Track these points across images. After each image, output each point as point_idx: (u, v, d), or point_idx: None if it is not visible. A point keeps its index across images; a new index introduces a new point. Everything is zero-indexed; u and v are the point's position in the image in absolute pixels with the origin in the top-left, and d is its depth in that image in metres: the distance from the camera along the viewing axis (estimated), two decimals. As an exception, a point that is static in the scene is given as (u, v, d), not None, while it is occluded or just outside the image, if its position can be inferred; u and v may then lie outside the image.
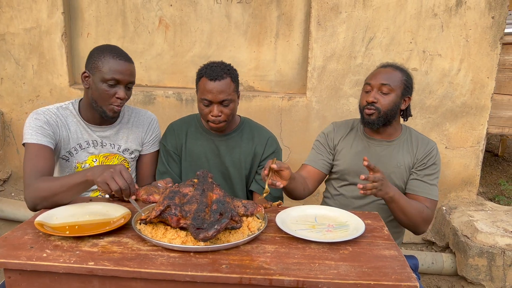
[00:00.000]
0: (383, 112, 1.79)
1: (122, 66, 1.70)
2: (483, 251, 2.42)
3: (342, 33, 2.82)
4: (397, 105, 1.81)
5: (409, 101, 1.86)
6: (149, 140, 1.96)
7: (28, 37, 3.03)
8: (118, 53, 1.72)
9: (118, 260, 1.21)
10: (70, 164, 1.82)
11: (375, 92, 1.81)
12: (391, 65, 1.87)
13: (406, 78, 1.82)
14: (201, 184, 1.43)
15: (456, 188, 2.98)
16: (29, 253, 1.23)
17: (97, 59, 1.70)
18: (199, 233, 1.25)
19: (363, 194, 1.57)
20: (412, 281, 1.15)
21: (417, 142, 1.88)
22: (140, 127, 1.94)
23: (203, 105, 1.84)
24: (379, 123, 1.81)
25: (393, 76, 1.80)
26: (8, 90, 3.13)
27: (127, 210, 1.51)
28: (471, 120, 2.87)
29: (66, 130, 1.78)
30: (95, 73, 1.70)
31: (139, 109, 2.00)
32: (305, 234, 1.39)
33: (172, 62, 3.13)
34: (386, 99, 1.79)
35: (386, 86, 1.78)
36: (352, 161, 1.91)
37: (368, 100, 1.81)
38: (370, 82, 1.83)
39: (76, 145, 1.80)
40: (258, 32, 3.03)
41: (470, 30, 2.75)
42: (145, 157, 1.98)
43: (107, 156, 1.86)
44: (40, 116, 1.73)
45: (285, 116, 2.96)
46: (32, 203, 1.55)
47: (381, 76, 1.81)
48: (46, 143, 1.69)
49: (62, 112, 1.79)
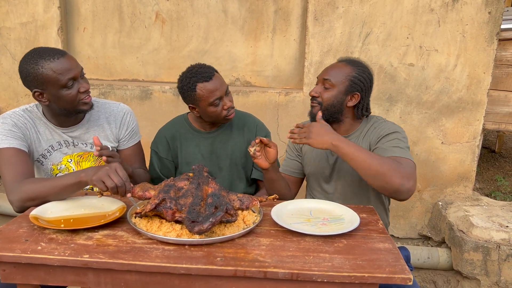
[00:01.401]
0: (324, 107, 1.74)
1: (65, 63, 1.58)
2: (479, 245, 2.43)
3: (339, 28, 2.81)
4: (339, 101, 1.74)
5: (359, 98, 1.76)
6: (124, 135, 1.89)
7: (24, 31, 3.01)
8: (51, 54, 1.58)
9: (113, 253, 1.21)
10: (46, 167, 1.78)
11: (319, 86, 1.77)
12: (346, 59, 1.81)
13: (355, 74, 1.74)
14: (197, 178, 1.43)
15: (452, 183, 2.99)
16: (24, 246, 1.23)
17: (38, 73, 1.56)
18: (194, 226, 1.25)
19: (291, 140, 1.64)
20: (406, 273, 1.16)
21: (373, 128, 1.79)
22: (112, 123, 1.86)
23: (214, 107, 1.82)
24: (323, 117, 1.74)
25: (338, 72, 1.75)
26: (4, 85, 3.12)
27: (122, 203, 1.51)
28: (467, 115, 2.88)
29: (35, 132, 1.72)
30: (46, 86, 1.58)
31: (110, 102, 1.90)
32: (300, 227, 1.39)
33: (168, 57, 3.12)
34: (326, 94, 1.74)
35: (327, 81, 1.74)
36: (315, 162, 1.89)
37: (311, 94, 1.79)
38: (318, 76, 1.81)
39: (48, 147, 1.76)
40: (255, 27, 3.02)
41: (467, 25, 2.75)
42: (125, 151, 1.91)
43: (81, 155, 1.81)
44: (7, 120, 1.66)
45: (282, 112, 2.96)
46: (20, 205, 1.52)
47: (327, 71, 1.77)
48: (20, 146, 1.63)
49: (29, 114, 1.73)
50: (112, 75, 3.18)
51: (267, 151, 1.68)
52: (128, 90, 3.01)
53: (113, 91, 2.99)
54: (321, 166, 1.88)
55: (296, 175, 1.98)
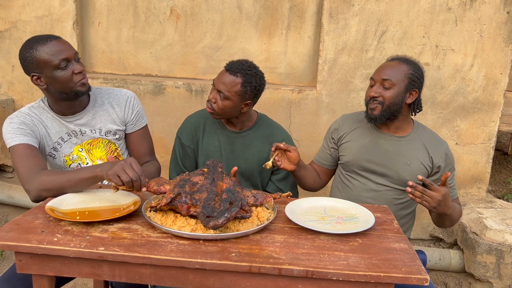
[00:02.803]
0: (386, 106, 1.78)
1: (58, 45, 1.63)
2: (492, 248, 2.40)
3: (354, 26, 2.79)
4: (400, 99, 1.78)
5: (417, 95, 1.82)
6: (131, 118, 1.90)
7: (39, 25, 3.03)
8: (44, 38, 1.63)
9: (128, 246, 1.22)
10: (58, 159, 1.80)
11: (377, 86, 1.80)
12: (398, 58, 1.85)
13: (412, 72, 1.79)
14: (211, 173, 1.42)
15: (466, 185, 2.95)
16: (40, 237, 1.24)
17: (33, 56, 1.62)
18: (209, 221, 1.25)
19: (411, 198, 1.60)
20: (422, 274, 1.15)
21: (430, 142, 1.86)
22: (117, 106, 1.87)
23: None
24: (382, 118, 1.80)
25: (396, 70, 1.78)
26: (19, 78, 3.15)
27: (137, 197, 1.52)
28: (483, 116, 2.84)
29: (43, 127, 1.75)
30: (42, 69, 1.63)
31: (114, 88, 1.93)
32: (314, 225, 1.39)
33: (182, 53, 3.12)
34: (388, 93, 1.77)
35: (388, 81, 1.77)
36: (357, 153, 1.90)
37: (370, 95, 1.81)
38: (374, 77, 1.83)
39: (58, 139, 1.78)
40: (269, 23, 3.01)
41: (485, 25, 2.71)
42: (133, 135, 1.93)
43: (91, 142, 1.83)
44: (13, 119, 1.70)
45: (295, 109, 2.95)
46: (37, 195, 1.54)
47: (384, 71, 1.79)
48: (30, 142, 1.65)
49: (35, 111, 1.75)
50: (125, 70, 3.19)
51: (288, 156, 1.71)
52: (142, 85, 3.01)
53: (126, 85, 3.00)
54: (363, 157, 1.89)
55: (328, 166, 2.04)
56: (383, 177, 1.86)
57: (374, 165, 1.87)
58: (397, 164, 1.84)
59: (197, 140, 1.99)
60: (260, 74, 1.87)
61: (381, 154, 1.86)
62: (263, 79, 1.88)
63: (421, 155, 1.83)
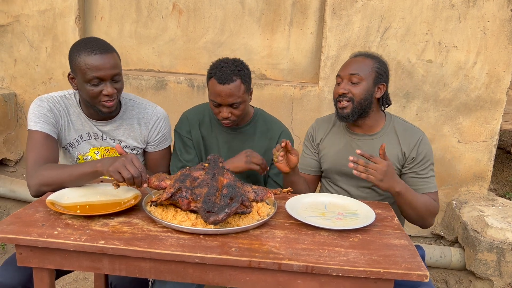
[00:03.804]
0: (357, 102, 1.73)
1: (99, 61, 1.58)
2: (493, 246, 2.39)
3: (357, 22, 2.78)
4: (370, 94, 1.75)
5: (385, 89, 1.78)
6: (154, 139, 1.88)
7: (42, 19, 3.03)
8: (93, 47, 1.59)
9: (129, 240, 1.22)
10: (72, 155, 1.80)
11: (345, 83, 1.75)
12: (362, 54, 1.81)
13: (378, 65, 1.76)
14: (212, 168, 1.42)
15: (467, 182, 2.95)
16: (41, 230, 1.24)
17: (74, 59, 1.60)
18: (210, 216, 1.25)
19: (356, 175, 1.54)
20: (422, 270, 1.15)
21: (402, 134, 1.80)
22: (144, 125, 1.84)
23: (213, 105, 1.81)
24: (354, 115, 1.75)
25: (362, 65, 1.74)
26: (21, 72, 3.15)
27: (137, 191, 1.52)
28: (485, 114, 2.83)
29: (68, 120, 1.75)
30: (77, 74, 1.62)
31: (147, 103, 1.89)
32: (314, 221, 1.38)
33: (184, 48, 3.12)
34: (357, 89, 1.73)
35: (355, 76, 1.73)
36: (333, 159, 1.88)
37: (338, 92, 1.76)
38: (340, 73, 1.78)
39: (78, 136, 1.78)
40: (272, 19, 3.00)
41: (488, 22, 2.69)
42: (152, 154, 1.91)
43: (108, 149, 1.82)
44: (43, 103, 1.70)
45: (297, 106, 2.94)
46: (36, 190, 1.54)
47: (350, 66, 1.75)
48: (50, 132, 1.66)
49: (65, 101, 1.76)
50: (127, 65, 3.19)
51: (289, 158, 1.66)
52: (144, 80, 3.01)
53: (128, 80, 3.01)
54: (340, 163, 1.86)
55: (313, 173, 1.97)
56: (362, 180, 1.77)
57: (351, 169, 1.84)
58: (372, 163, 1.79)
59: (195, 136, 1.98)
60: (239, 61, 1.83)
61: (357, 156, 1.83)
62: (243, 63, 1.85)
63: (393, 148, 1.78)
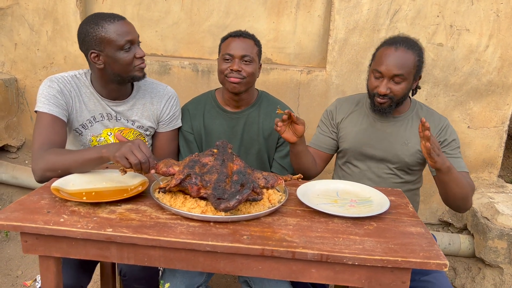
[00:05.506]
0: (397, 100, 1.71)
1: (125, 26, 1.61)
2: (504, 233, 2.36)
3: (366, 4, 2.70)
4: (409, 89, 1.73)
5: (420, 78, 1.77)
6: (165, 118, 1.86)
7: (42, 2, 2.96)
8: (111, 16, 1.61)
9: (137, 228, 1.18)
10: (84, 137, 1.76)
11: (387, 81, 1.68)
12: (401, 42, 1.69)
13: (418, 59, 1.69)
14: (221, 154, 1.38)
15: (477, 169, 2.90)
16: (46, 218, 1.21)
17: (97, 33, 1.58)
18: (220, 203, 1.21)
19: (428, 148, 1.40)
20: (441, 259, 1.11)
21: (427, 118, 1.77)
22: (156, 103, 1.83)
23: (223, 62, 1.80)
24: (391, 110, 1.74)
25: (406, 61, 1.65)
26: (22, 56, 3.09)
27: (145, 178, 1.48)
28: (497, 99, 2.77)
29: (79, 101, 1.71)
30: (104, 47, 1.59)
31: (159, 83, 1.89)
32: (327, 208, 1.34)
33: (188, 32, 3.05)
34: (399, 87, 1.68)
35: (400, 77, 1.66)
36: (355, 139, 1.85)
37: (380, 92, 1.69)
38: (382, 70, 1.67)
39: (91, 117, 1.74)
40: (278, 1, 2.92)
41: (502, 4, 2.61)
42: (161, 135, 1.88)
43: (122, 130, 1.79)
44: (54, 84, 1.65)
45: (303, 91, 2.88)
46: (41, 175, 1.50)
47: (394, 65, 1.65)
48: (59, 114, 1.62)
49: (76, 81, 1.72)
50: (130, 49, 3.12)
51: (295, 128, 1.62)
52: (147, 65, 2.94)
53: (131, 65, 2.94)
54: (361, 142, 1.84)
55: (327, 151, 1.94)
56: (383, 162, 1.81)
57: (373, 149, 1.81)
58: (395, 145, 1.78)
59: (197, 127, 1.93)
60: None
61: (379, 137, 1.81)
62: None
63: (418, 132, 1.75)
